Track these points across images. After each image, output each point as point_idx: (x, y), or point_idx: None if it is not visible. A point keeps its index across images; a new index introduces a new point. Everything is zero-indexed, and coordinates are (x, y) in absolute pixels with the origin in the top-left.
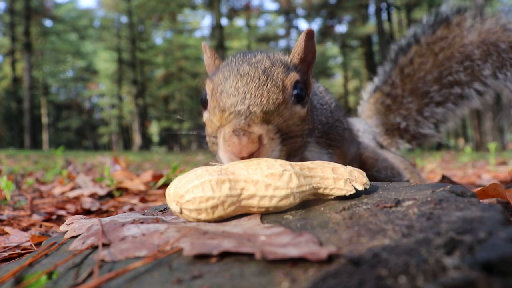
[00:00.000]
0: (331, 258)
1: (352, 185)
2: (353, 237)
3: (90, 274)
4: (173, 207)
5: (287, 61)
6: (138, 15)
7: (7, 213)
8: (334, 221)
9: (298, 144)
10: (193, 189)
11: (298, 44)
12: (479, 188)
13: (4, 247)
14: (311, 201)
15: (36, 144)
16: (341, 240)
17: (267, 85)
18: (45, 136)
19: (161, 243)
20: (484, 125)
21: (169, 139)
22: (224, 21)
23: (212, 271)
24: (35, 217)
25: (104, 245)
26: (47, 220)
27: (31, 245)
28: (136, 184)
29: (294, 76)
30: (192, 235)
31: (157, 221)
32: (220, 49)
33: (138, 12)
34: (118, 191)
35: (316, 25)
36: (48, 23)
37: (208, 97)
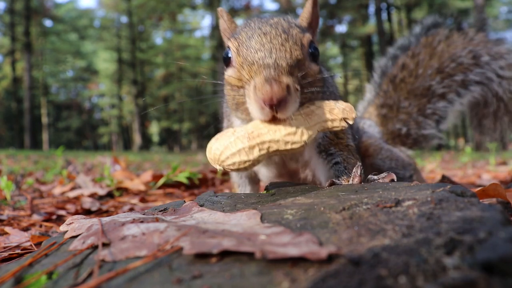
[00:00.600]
0: (331, 258)
1: (345, 121)
2: (353, 237)
3: (90, 274)
4: (217, 167)
5: (300, 23)
6: (138, 15)
7: (7, 213)
8: (334, 221)
9: (313, 97)
10: (232, 157)
11: (305, 10)
12: (479, 188)
13: (4, 247)
14: (311, 198)
15: (36, 144)
16: (341, 240)
17: (289, 42)
18: (45, 136)
19: (161, 242)
20: None
21: (169, 139)
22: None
23: (212, 271)
24: (35, 217)
25: (104, 244)
26: (47, 220)
27: (31, 245)
28: (136, 184)
29: (308, 36)
30: (192, 234)
31: (157, 220)
32: (220, 49)
33: (138, 12)
34: (118, 191)
35: None
36: (48, 23)
37: (233, 54)
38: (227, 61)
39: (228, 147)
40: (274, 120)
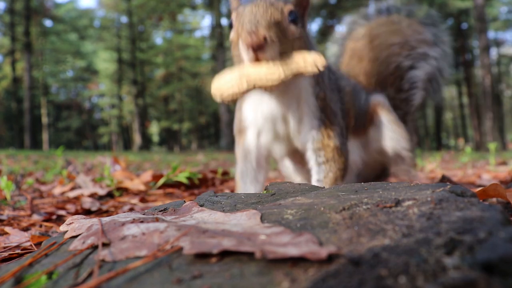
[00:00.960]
0: (331, 258)
1: (317, 67)
2: (353, 237)
3: (90, 274)
4: (218, 98)
5: (289, 1)
6: (138, 15)
7: (7, 213)
8: (334, 221)
9: (292, 49)
10: (227, 90)
11: None
12: (479, 188)
13: (4, 247)
14: (311, 198)
15: (36, 144)
16: (341, 240)
17: (271, 9)
18: (45, 136)
19: (161, 242)
20: (484, 125)
21: (169, 139)
22: (224, 21)
23: (212, 271)
24: (35, 217)
25: (104, 244)
26: (47, 220)
27: (31, 245)
28: (136, 184)
29: (290, 6)
30: (192, 233)
31: (157, 220)
32: (220, 48)
33: (138, 12)
34: (118, 191)
35: (316, 25)
36: (48, 23)
37: (234, 21)
38: (230, 26)
39: (225, 83)
40: (257, 60)
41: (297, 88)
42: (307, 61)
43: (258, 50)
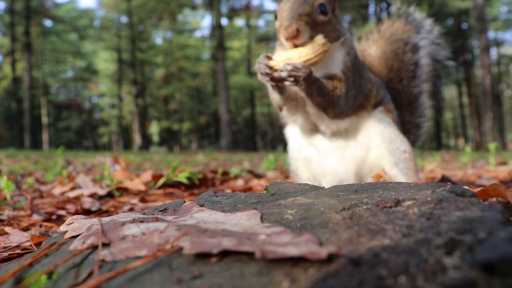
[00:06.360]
0: (331, 258)
1: (327, 45)
2: (353, 237)
3: (90, 274)
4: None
5: None
6: (138, 15)
7: (7, 213)
8: (334, 221)
9: (323, 34)
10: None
11: None
12: (479, 188)
13: (4, 247)
14: (311, 198)
15: (36, 144)
16: (341, 240)
17: (303, 5)
18: (45, 136)
19: (161, 242)
20: (484, 125)
21: (169, 139)
22: (224, 21)
23: (212, 271)
24: (35, 217)
25: (104, 244)
26: (47, 220)
27: (31, 245)
28: (136, 184)
29: (319, 1)
30: (192, 233)
31: (157, 220)
32: (220, 49)
33: (138, 12)
34: (118, 191)
35: None
36: (48, 23)
37: (277, 13)
38: (276, 17)
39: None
40: (295, 46)
41: (331, 56)
42: (319, 41)
43: (293, 39)
